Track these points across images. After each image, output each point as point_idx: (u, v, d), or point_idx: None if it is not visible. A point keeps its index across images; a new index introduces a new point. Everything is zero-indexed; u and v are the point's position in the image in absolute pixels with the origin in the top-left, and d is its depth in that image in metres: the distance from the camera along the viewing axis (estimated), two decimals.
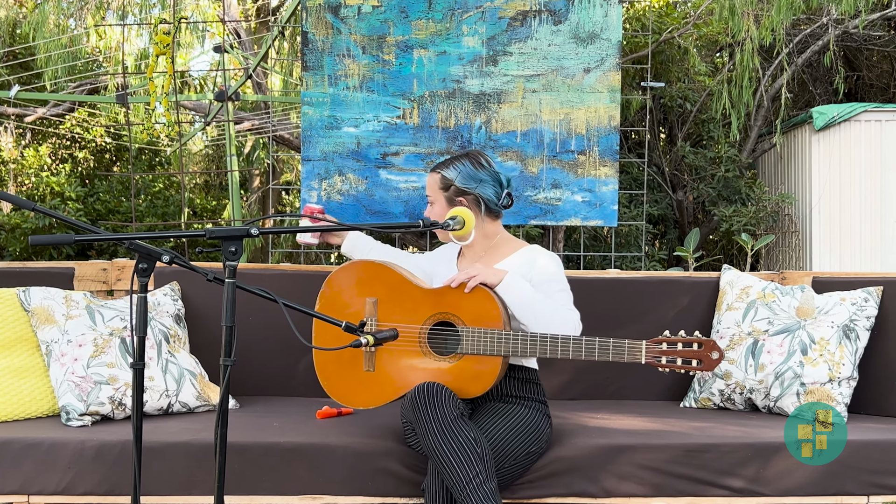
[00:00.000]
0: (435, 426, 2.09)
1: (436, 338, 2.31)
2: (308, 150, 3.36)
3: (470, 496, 2.01)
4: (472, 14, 3.35)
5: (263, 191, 8.98)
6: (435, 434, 2.08)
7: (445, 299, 2.30)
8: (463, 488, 2.02)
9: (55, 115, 7.68)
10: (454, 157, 2.50)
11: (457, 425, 2.10)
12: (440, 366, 2.27)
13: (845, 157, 6.27)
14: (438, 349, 2.30)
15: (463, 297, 2.28)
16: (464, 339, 2.24)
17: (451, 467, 2.05)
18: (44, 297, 2.58)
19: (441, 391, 2.15)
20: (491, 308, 2.24)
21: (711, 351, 2.12)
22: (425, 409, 2.11)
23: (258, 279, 2.92)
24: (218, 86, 6.98)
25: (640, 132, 6.56)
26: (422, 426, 2.11)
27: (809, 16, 6.73)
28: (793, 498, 2.30)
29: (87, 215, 8.03)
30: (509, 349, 2.21)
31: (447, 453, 2.06)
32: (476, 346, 2.23)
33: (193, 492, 2.23)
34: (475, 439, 2.09)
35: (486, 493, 2.02)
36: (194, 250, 1.92)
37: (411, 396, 2.17)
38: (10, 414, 2.45)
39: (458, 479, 2.03)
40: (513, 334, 2.21)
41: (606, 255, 5.44)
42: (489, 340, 2.21)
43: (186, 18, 6.89)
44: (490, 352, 2.21)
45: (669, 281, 3.02)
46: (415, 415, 2.14)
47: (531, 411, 2.33)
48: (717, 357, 2.12)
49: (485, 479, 2.03)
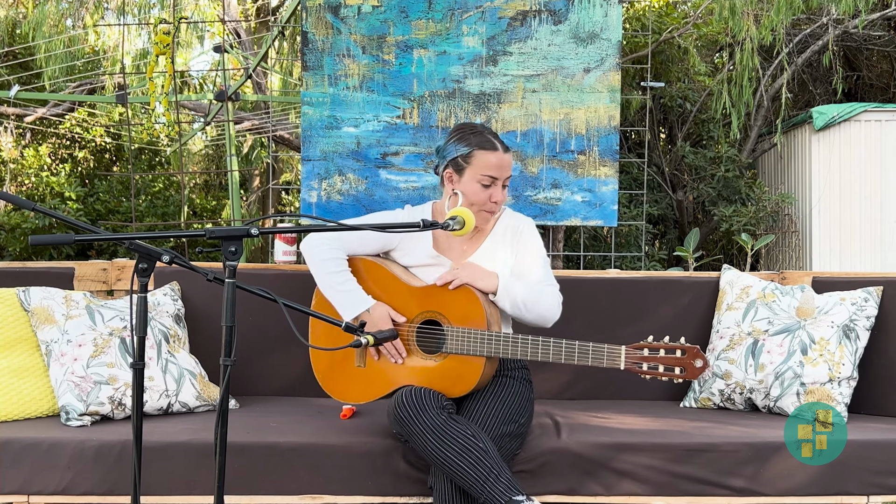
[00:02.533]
0: (430, 434, 2.08)
1: (423, 336, 2.33)
2: (308, 150, 3.35)
3: (491, 493, 2.00)
4: (471, 14, 3.36)
5: (263, 191, 8.98)
6: (432, 442, 2.07)
7: (433, 298, 2.32)
8: (482, 489, 2.01)
9: (55, 115, 7.68)
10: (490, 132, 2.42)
11: (450, 426, 2.09)
12: (427, 364, 2.29)
13: (845, 157, 6.27)
14: (426, 347, 2.32)
15: (449, 296, 2.29)
16: (448, 338, 2.26)
17: (461, 471, 2.04)
18: (44, 297, 2.58)
19: (422, 395, 2.14)
20: (475, 308, 2.25)
21: (695, 359, 2.07)
22: (416, 419, 2.10)
23: (258, 279, 2.92)
24: (218, 86, 6.98)
25: (640, 132, 6.56)
26: (416, 437, 2.10)
27: (809, 16, 6.73)
28: (793, 498, 2.30)
29: (87, 215, 8.03)
30: (491, 350, 2.21)
31: (451, 458, 2.05)
32: (460, 345, 2.24)
33: (193, 492, 2.23)
34: (473, 434, 2.09)
35: (505, 484, 2.01)
36: (194, 250, 1.92)
37: (394, 411, 2.15)
38: (10, 414, 2.45)
39: (474, 481, 2.02)
40: (495, 335, 2.21)
41: (606, 255, 5.44)
42: (472, 340, 2.22)
43: (186, 18, 6.89)
44: (473, 352, 2.23)
45: (669, 281, 3.02)
46: (405, 428, 2.13)
47: (515, 382, 2.35)
48: (700, 365, 2.06)
49: (498, 472, 2.03)
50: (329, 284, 2.37)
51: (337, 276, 2.37)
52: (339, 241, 2.41)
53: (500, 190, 2.36)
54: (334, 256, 2.39)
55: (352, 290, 2.36)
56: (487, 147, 2.34)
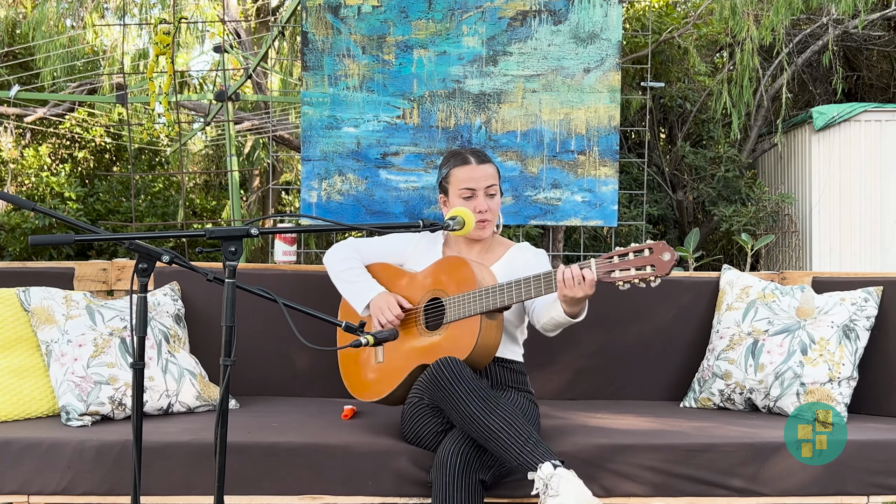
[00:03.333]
0: (472, 398, 2.09)
1: (429, 315, 2.41)
2: (308, 150, 3.35)
3: (532, 453, 2.01)
4: (471, 14, 3.35)
5: (263, 191, 8.98)
6: (475, 404, 2.08)
7: (435, 278, 2.42)
8: (521, 449, 2.02)
9: (55, 115, 7.68)
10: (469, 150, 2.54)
11: (493, 395, 2.13)
12: (432, 340, 2.36)
13: (845, 157, 6.27)
14: (432, 325, 2.39)
15: (446, 271, 2.38)
16: (448, 308, 2.33)
17: (503, 434, 2.04)
18: (44, 297, 2.58)
19: (461, 365, 2.18)
20: (466, 273, 2.32)
21: (662, 252, 2.05)
22: (456, 384, 2.12)
23: (258, 279, 2.92)
24: (218, 86, 6.98)
25: (640, 132, 6.56)
26: (456, 400, 2.10)
27: (809, 16, 6.73)
28: (793, 498, 2.30)
29: (87, 215, 8.03)
30: (486, 305, 2.24)
31: (495, 422, 2.06)
32: (458, 311, 2.30)
33: (193, 492, 2.23)
34: (514, 404, 2.16)
35: (545, 449, 2.02)
36: (194, 250, 1.92)
37: (433, 377, 2.17)
38: (10, 414, 2.45)
39: (515, 442, 2.03)
40: (486, 290, 2.25)
41: None
42: (467, 303, 2.28)
43: (186, 18, 6.90)
44: (469, 312, 2.27)
45: (669, 281, 3.00)
46: (444, 392, 2.13)
47: (522, 399, 2.38)
48: (668, 258, 2.03)
49: (537, 440, 2.05)
50: (343, 279, 2.52)
51: (350, 271, 2.53)
52: (356, 250, 2.59)
53: (484, 199, 2.45)
54: (350, 256, 2.56)
55: (362, 281, 2.49)
56: (460, 163, 2.48)
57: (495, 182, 2.48)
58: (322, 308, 2.56)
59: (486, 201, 2.45)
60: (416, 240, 2.60)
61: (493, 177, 2.47)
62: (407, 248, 2.59)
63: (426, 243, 2.59)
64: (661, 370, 2.95)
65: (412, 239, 2.60)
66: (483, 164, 2.47)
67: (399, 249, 2.59)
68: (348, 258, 2.56)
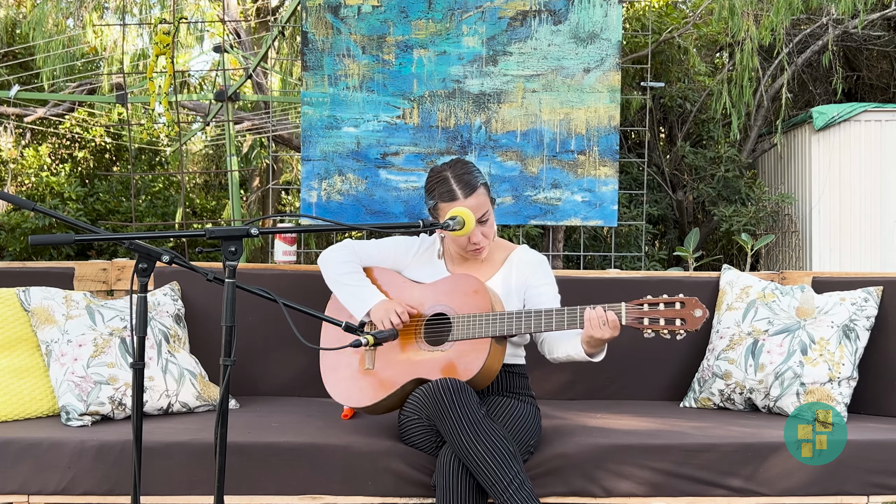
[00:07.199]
0: (466, 425, 2.08)
1: (431, 329, 2.35)
2: (308, 150, 3.35)
3: (514, 496, 2.01)
4: (471, 14, 3.36)
5: (263, 191, 8.98)
6: (467, 433, 2.07)
7: (441, 292, 2.36)
8: (505, 489, 2.02)
9: (55, 115, 7.68)
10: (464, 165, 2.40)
11: (486, 424, 2.10)
12: (433, 356, 2.30)
13: (845, 157, 6.27)
14: (433, 340, 2.34)
15: (456, 287, 2.33)
16: (455, 326, 2.28)
17: (488, 468, 2.04)
18: (44, 297, 2.58)
19: (463, 388, 2.14)
20: (480, 293, 2.28)
21: (694, 309, 2.06)
22: (452, 407, 2.10)
23: (258, 279, 2.92)
24: (217, 86, 6.98)
25: (640, 132, 6.56)
26: (450, 426, 2.09)
27: (809, 16, 6.73)
28: (793, 498, 2.30)
29: (87, 215, 8.03)
30: (496, 329, 2.22)
31: (482, 453, 2.05)
32: (467, 331, 2.26)
33: (193, 492, 2.23)
34: (504, 437, 2.11)
35: (528, 493, 2.03)
36: (194, 250, 1.92)
37: (432, 396, 2.14)
38: (10, 414, 2.45)
39: (499, 479, 2.03)
40: (499, 315, 2.22)
41: (606, 255, 5.44)
42: (478, 324, 2.24)
43: (186, 18, 6.90)
44: (479, 335, 2.24)
45: (669, 281, 3.02)
46: (440, 413, 2.11)
47: (524, 405, 2.37)
48: (700, 315, 2.05)
49: (524, 479, 2.05)
50: (342, 283, 2.46)
51: (349, 275, 2.46)
52: (355, 253, 2.51)
53: (477, 230, 2.33)
54: (349, 260, 2.49)
55: (362, 287, 2.44)
56: (446, 199, 2.32)
57: (487, 208, 2.34)
58: (322, 308, 2.58)
59: (479, 230, 2.34)
60: (415, 248, 2.55)
61: (483, 205, 2.33)
62: (407, 255, 2.54)
63: (425, 252, 2.55)
64: (660, 370, 2.95)
65: (412, 247, 2.55)
66: (471, 197, 2.31)
67: (398, 256, 2.54)
68: (347, 262, 2.49)
